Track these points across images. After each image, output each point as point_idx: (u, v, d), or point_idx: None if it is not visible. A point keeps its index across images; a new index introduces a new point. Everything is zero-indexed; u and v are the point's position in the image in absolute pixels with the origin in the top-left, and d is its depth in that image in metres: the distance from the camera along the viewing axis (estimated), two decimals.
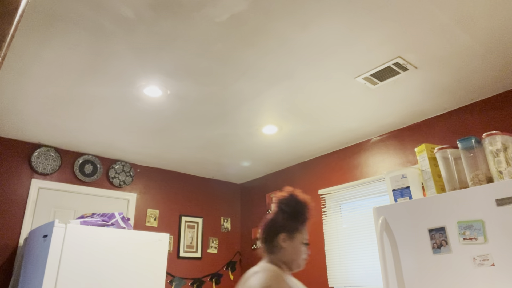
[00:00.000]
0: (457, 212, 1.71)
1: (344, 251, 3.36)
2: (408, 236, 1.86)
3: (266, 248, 1.49)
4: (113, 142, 3.49)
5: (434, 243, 1.74)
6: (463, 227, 1.66)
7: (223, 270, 4.37)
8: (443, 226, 1.73)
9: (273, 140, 3.47)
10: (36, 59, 2.21)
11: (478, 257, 1.59)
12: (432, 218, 1.79)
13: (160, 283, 2.96)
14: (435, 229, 1.76)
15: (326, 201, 3.67)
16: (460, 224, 1.68)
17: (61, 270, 2.53)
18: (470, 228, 1.65)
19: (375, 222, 2.01)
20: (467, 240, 1.64)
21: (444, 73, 2.39)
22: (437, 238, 1.73)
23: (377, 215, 2.02)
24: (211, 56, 2.21)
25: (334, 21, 1.92)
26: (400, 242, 1.88)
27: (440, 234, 1.73)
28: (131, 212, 3.91)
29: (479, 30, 1.98)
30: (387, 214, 1.98)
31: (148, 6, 1.81)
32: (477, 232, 1.62)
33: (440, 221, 1.75)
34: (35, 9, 1.81)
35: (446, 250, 1.70)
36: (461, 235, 1.66)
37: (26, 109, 2.83)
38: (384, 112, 2.93)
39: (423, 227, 1.81)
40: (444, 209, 1.76)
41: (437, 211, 1.78)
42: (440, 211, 1.77)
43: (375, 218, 2.02)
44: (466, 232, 1.65)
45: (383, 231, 1.94)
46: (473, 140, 1.93)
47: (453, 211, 1.73)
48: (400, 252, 1.87)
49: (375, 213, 2.03)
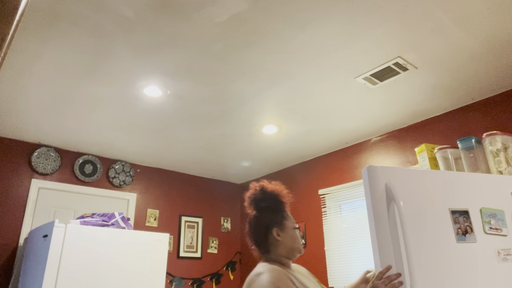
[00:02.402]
0: (480, 196, 1.47)
1: (344, 251, 3.36)
2: (423, 215, 1.39)
3: (261, 249, 1.47)
4: (113, 142, 3.49)
5: (458, 228, 1.41)
6: (487, 215, 1.46)
7: (223, 270, 4.37)
8: (467, 209, 1.44)
9: (273, 140, 3.47)
10: (36, 59, 2.21)
11: (502, 250, 1.42)
12: (454, 198, 1.45)
13: (160, 283, 2.96)
14: (459, 212, 1.43)
15: (326, 201, 3.67)
16: (485, 210, 1.46)
17: (61, 270, 2.53)
18: (494, 217, 1.46)
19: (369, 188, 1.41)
20: (493, 230, 1.43)
21: (444, 73, 2.39)
22: (462, 223, 1.42)
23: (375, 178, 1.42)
24: (211, 56, 2.20)
25: (334, 21, 1.92)
26: (411, 222, 1.37)
27: (464, 218, 1.43)
28: (131, 212, 3.91)
29: (479, 30, 1.98)
30: (392, 179, 1.41)
31: (148, 6, 1.81)
32: (501, 223, 1.46)
33: (464, 203, 1.45)
34: (35, 9, 1.81)
35: (471, 238, 1.40)
36: (486, 223, 1.43)
37: (26, 109, 2.83)
38: (384, 112, 2.93)
39: (444, 206, 1.43)
40: (466, 190, 1.48)
41: (459, 191, 1.47)
42: (462, 192, 1.47)
43: (370, 182, 1.41)
44: (492, 220, 1.45)
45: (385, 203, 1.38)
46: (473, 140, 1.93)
47: (475, 195, 1.47)
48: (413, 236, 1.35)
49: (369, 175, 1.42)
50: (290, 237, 1.46)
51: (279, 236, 1.44)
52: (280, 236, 1.44)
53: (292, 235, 1.46)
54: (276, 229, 1.45)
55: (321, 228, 3.63)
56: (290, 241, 1.45)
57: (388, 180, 1.41)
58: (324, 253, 3.53)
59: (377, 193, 1.39)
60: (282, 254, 1.44)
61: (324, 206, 3.67)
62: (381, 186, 1.39)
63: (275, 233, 1.44)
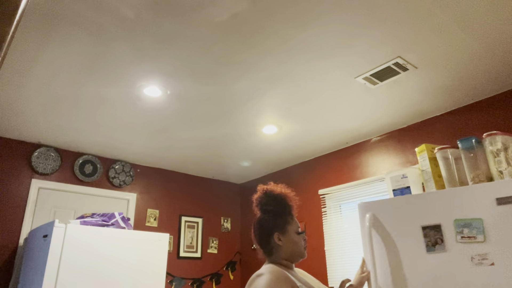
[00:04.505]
0: (454, 209, 1.67)
1: (344, 251, 3.36)
2: (399, 234, 1.74)
3: (264, 251, 1.49)
4: (113, 142, 3.49)
5: (428, 241, 1.66)
6: (461, 225, 1.62)
7: (223, 270, 4.37)
8: (439, 223, 1.67)
9: (273, 140, 3.47)
10: (36, 59, 2.21)
11: (476, 256, 1.56)
12: (426, 215, 1.71)
13: (160, 283, 2.96)
14: (429, 227, 1.68)
15: (326, 201, 3.67)
16: (458, 222, 1.63)
17: (61, 270, 2.53)
18: (469, 227, 1.60)
19: (360, 218, 1.86)
20: (465, 238, 1.60)
21: (444, 73, 2.39)
22: (432, 236, 1.66)
23: (364, 211, 1.87)
24: (211, 56, 2.20)
25: (334, 21, 1.92)
26: (391, 240, 1.76)
27: (434, 232, 1.66)
28: (131, 212, 3.90)
29: (479, 30, 1.98)
30: (375, 210, 1.84)
31: (148, 6, 1.81)
32: (476, 231, 1.59)
33: (435, 218, 1.68)
34: (35, 9, 1.81)
35: (441, 248, 1.63)
36: (458, 233, 1.62)
37: (26, 109, 2.83)
38: (384, 112, 2.93)
39: (416, 224, 1.72)
40: (440, 206, 1.71)
41: (432, 208, 1.72)
42: (436, 208, 1.71)
43: (361, 215, 1.86)
44: (464, 230, 1.61)
45: (371, 228, 1.81)
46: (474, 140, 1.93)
47: (449, 209, 1.68)
48: (390, 250, 1.75)
49: (361, 210, 1.88)
50: (292, 242, 1.46)
51: (280, 241, 1.45)
52: (281, 240, 1.46)
53: (294, 240, 1.47)
54: (278, 233, 1.46)
55: (321, 228, 3.63)
56: (292, 246, 1.46)
57: (371, 211, 1.83)
58: (324, 253, 3.53)
59: (364, 222, 1.82)
60: (284, 257, 1.46)
61: (324, 206, 3.67)
62: (366, 216, 1.81)
63: (276, 237, 1.46)
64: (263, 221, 1.50)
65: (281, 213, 1.50)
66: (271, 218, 1.49)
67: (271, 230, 1.47)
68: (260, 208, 1.53)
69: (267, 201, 1.52)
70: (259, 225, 1.51)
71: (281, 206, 1.51)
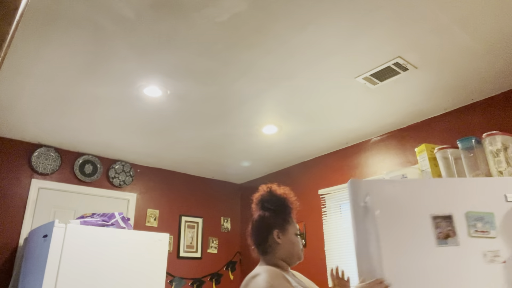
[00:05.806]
0: (465, 201, 1.52)
1: (344, 251, 3.36)
2: (403, 223, 1.49)
3: (260, 251, 1.46)
4: (113, 142, 3.49)
5: (439, 233, 1.47)
6: (473, 218, 1.49)
7: (223, 270, 4.37)
8: (450, 214, 1.50)
9: (273, 140, 3.47)
10: (36, 59, 2.21)
11: (489, 252, 1.45)
12: (435, 204, 1.52)
13: (160, 283, 2.96)
14: (441, 217, 1.49)
15: (326, 201, 3.67)
16: (470, 214, 1.50)
17: (61, 270, 2.53)
18: (481, 220, 1.48)
19: (352, 199, 1.53)
20: (479, 232, 1.47)
21: (444, 73, 2.39)
22: (444, 228, 1.48)
23: (357, 190, 1.53)
24: (211, 56, 2.20)
25: (334, 21, 1.92)
26: (390, 230, 1.48)
27: (447, 223, 1.48)
28: (131, 212, 3.91)
29: (479, 30, 1.98)
30: (373, 192, 1.53)
31: (148, 6, 1.81)
32: (489, 225, 1.48)
33: (446, 208, 1.50)
34: (35, 9, 1.81)
35: (453, 242, 1.46)
36: (471, 227, 1.48)
37: (26, 109, 2.83)
38: (384, 112, 2.93)
39: (425, 213, 1.50)
40: (450, 196, 1.53)
41: (441, 197, 1.53)
42: (445, 198, 1.53)
43: (353, 195, 1.54)
44: (478, 224, 1.48)
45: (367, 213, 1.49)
46: (473, 140, 1.93)
47: (461, 200, 1.52)
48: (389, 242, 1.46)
49: (352, 187, 1.55)
50: (290, 242, 1.45)
51: (279, 239, 1.44)
52: (280, 238, 1.44)
53: (292, 241, 1.46)
54: (277, 231, 1.45)
55: (321, 228, 3.63)
56: (290, 246, 1.45)
57: (369, 192, 1.52)
58: (324, 253, 3.53)
59: (359, 205, 1.51)
60: (281, 257, 1.43)
61: (324, 206, 3.67)
62: (362, 198, 1.51)
63: (275, 235, 1.44)
64: (263, 217, 1.49)
65: (283, 212, 1.49)
66: (272, 215, 1.48)
67: (271, 226, 1.45)
68: (261, 206, 1.52)
69: (269, 199, 1.51)
70: (258, 221, 1.49)
71: (283, 206, 1.50)
